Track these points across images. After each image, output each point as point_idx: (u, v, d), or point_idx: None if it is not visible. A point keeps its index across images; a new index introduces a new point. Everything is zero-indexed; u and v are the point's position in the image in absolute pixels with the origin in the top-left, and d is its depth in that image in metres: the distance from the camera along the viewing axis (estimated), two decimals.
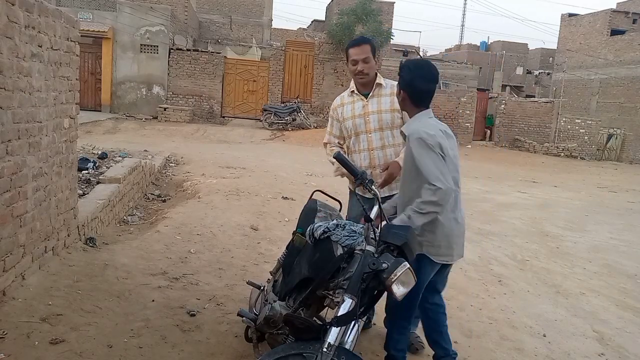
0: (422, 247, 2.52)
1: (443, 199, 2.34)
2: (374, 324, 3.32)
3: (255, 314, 2.62)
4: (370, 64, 3.06)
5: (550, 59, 34.24)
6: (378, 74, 3.18)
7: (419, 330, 3.13)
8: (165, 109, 17.98)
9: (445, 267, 2.72)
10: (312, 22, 33.27)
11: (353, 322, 2.10)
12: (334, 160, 2.85)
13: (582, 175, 15.54)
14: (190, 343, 2.84)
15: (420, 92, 2.57)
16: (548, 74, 32.39)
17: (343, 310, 2.01)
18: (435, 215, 2.41)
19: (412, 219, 2.36)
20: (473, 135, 20.86)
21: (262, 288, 2.82)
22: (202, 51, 19.58)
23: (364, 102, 3.13)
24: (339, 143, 3.27)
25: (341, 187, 3.31)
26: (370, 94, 3.13)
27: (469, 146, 19.61)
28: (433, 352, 2.84)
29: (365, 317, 2.54)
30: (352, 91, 3.19)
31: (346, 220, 2.50)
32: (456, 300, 4.05)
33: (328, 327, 2.00)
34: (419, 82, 2.55)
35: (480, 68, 25.36)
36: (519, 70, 35.80)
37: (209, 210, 5.87)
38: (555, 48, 30.30)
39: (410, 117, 2.64)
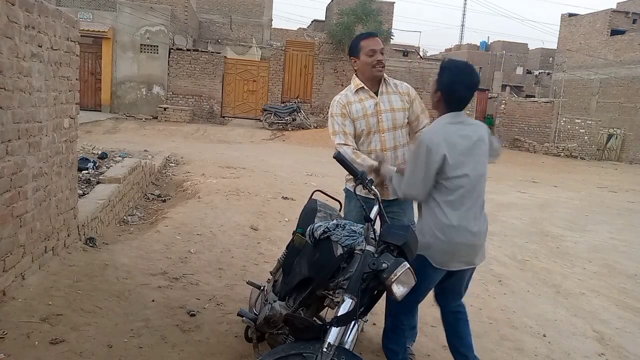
0: (426, 249, 2.45)
1: (408, 198, 2.58)
2: (374, 324, 3.32)
3: (255, 314, 2.62)
4: (385, 56, 2.96)
5: (550, 59, 34.25)
6: None
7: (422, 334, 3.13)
8: (165, 109, 17.99)
9: (461, 272, 2.61)
10: (312, 22, 33.28)
11: (353, 322, 2.10)
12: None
13: (582, 175, 15.54)
14: (190, 343, 2.84)
15: (458, 98, 2.49)
16: (548, 74, 32.39)
17: (343, 310, 2.01)
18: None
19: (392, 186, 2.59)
20: None
21: (262, 288, 2.82)
22: (202, 51, 19.59)
23: (375, 100, 2.93)
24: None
25: (341, 187, 3.31)
26: (380, 91, 2.95)
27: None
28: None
29: (365, 317, 2.53)
30: (360, 88, 2.95)
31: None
32: None
33: (328, 327, 2.00)
34: (458, 87, 2.47)
35: (480, 68, 25.38)
36: (519, 70, 35.81)
37: (209, 210, 5.87)
38: (555, 48, 30.29)
39: (437, 117, 2.58)
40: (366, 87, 2.95)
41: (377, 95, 2.94)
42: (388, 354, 2.72)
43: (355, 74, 3.02)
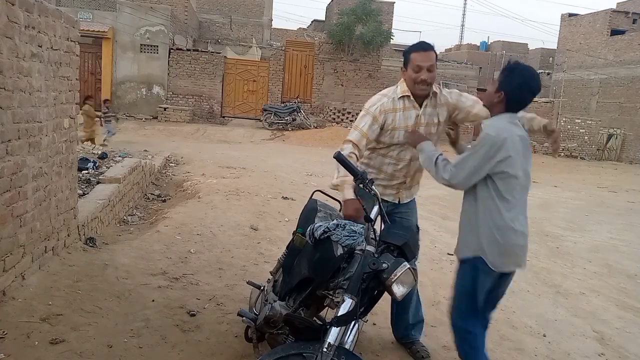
0: (483, 251, 2.41)
1: (446, 184, 2.47)
2: (374, 324, 3.32)
3: (255, 314, 2.62)
4: (433, 74, 2.72)
5: (550, 59, 34.22)
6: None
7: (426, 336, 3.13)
8: (165, 109, 18.00)
9: (508, 277, 2.54)
10: (312, 22, 33.26)
11: (353, 322, 2.10)
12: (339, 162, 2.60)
13: (582, 175, 15.54)
14: (190, 343, 2.84)
15: (522, 101, 2.47)
16: (548, 74, 32.35)
17: (343, 310, 2.01)
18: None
19: (429, 158, 2.56)
20: (473, 135, 20.84)
21: (262, 288, 2.82)
22: (202, 51, 19.59)
23: (417, 112, 2.81)
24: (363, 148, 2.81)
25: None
26: (425, 104, 2.82)
27: (469, 146, 19.55)
28: None
29: (365, 317, 2.53)
30: (406, 96, 2.80)
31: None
32: None
33: (328, 327, 2.00)
34: (526, 92, 2.45)
35: (481, 68, 25.35)
36: None
37: (209, 210, 5.87)
38: (555, 48, 30.26)
39: (491, 114, 2.56)
40: (412, 97, 2.80)
41: (420, 107, 2.82)
42: None
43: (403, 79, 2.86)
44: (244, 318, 2.60)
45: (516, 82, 2.42)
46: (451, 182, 2.45)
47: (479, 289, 2.44)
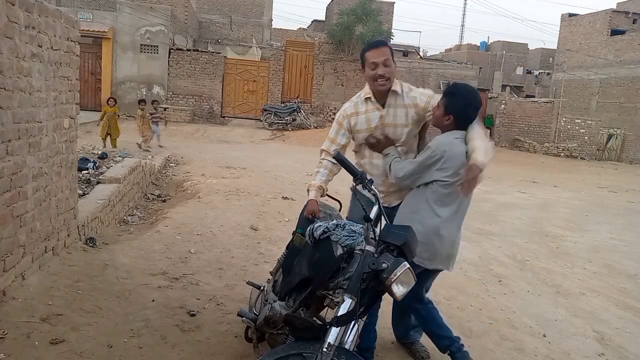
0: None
1: (394, 180, 2.78)
2: None
3: (255, 314, 2.62)
4: (390, 68, 2.76)
5: (550, 59, 34.23)
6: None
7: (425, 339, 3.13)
8: (165, 109, 17.97)
9: (427, 275, 2.82)
10: (312, 22, 33.27)
11: (353, 322, 2.10)
12: (318, 173, 2.85)
13: (582, 175, 15.54)
14: (190, 343, 2.84)
15: (468, 119, 2.70)
16: (548, 74, 32.36)
17: (343, 310, 2.01)
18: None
19: (386, 162, 2.81)
20: None
21: (262, 288, 2.82)
22: (202, 51, 19.59)
23: (381, 112, 2.84)
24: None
25: (341, 187, 3.30)
26: (387, 103, 2.84)
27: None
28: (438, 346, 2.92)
29: (365, 316, 2.53)
30: (368, 98, 2.86)
31: (346, 220, 2.49)
32: (456, 300, 4.05)
33: (328, 327, 2.00)
34: (471, 110, 2.69)
35: (480, 68, 25.36)
36: (519, 70, 35.79)
37: (209, 210, 5.87)
38: (555, 48, 30.28)
39: (442, 132, 2.76)
40: (373, 99, 2.85)
41: (383, 107, 2.84)
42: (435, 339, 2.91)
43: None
44: (244, 318, 2.60)
45: (461, 104, 2.66)
46: (396, 179, 2.76)
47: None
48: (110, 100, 11.46)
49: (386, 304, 2.86)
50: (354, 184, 2.50)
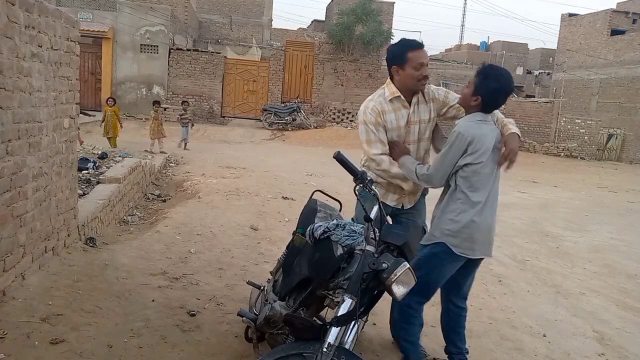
0: (443, 234, 2.60)
1: (422, 182, 2.70)
2: (374, 324, 3.32)
3: (255, 314, 2.62)
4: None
5: (551, 59, 34.22)
6: None
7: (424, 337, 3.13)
8: (165, 109, 17.95)
9: (470, 266, 2.76)
10: (312, 22, 33.25)
11: (353, 322, 2.10)
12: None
13: (582, 175, 15.54)
14: (190, 343, 2.84)
15: (497, 104, 2.64)
16: (548, 74, 32.35)
17: (343, 310, 2.01)
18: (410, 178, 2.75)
19: (404, 166, 2.75)
20: None
21: (262, 288, 2.82)
22: (202, 51, 19.59)
23: (408, 111, 2.85)
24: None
25: (341, 187, 3.31)
26: (414, 101, 2.86)
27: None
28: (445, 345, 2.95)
29: (365, 316, 2.53)
30: (397, 97, 2.83)
31: (352, 219, 2.49)
32: None
33: (328, 327, 2.00)
34: (500, 95, 2.61)
35: (480, 65, 25.34)
36: (519, 70, 35.77)
37: (209, 210, 5.87)
38: (555, 48, 30.26)
39: (465, 113, 2.70)
40: (402, 97, 2.84)
41: (410, 105, 2.86)
42: (404, 347, 2.85)
43: (392, 80, 2.87)
44: (244, 318, 2.60)
45: (492, 87, 2.57)
46: (430, 183, 2.69)
47: (437, 272, 2.68)
48: (110, 100, 11.52)
49: (385, 304, 2.87)
50: (355, 184, 2.50)
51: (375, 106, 2.84)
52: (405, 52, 2.77)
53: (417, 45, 2.79)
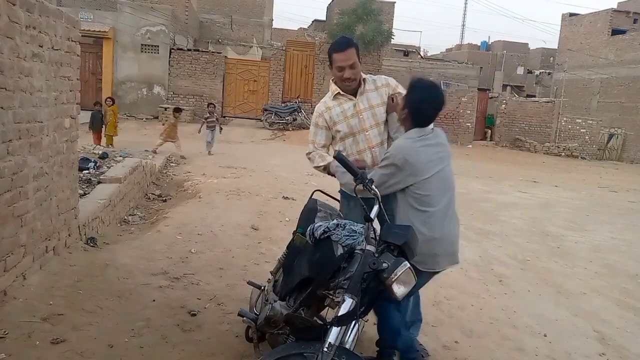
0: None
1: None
2: (375, 324, 3.32)
3: (255, 313, 2.62)
4: (356, 69, 2.87)
5: (551, 58, 34.18)
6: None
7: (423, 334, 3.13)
8: (166, 109, 17.94)
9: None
10: (312, 22, 33.25)
11: (354, 322, 2.10)
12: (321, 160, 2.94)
13: (582, 175, 15.52)
14: (191, 343, 2.85)
15: (425, 117, 2.60)
16: (549, 73, 32.31)
17: (343, 310, 2.01)
18: None
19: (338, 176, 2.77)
20: (474, 135, 20.86)
21: (262, 288, 2.82)
22: (202, 51, 19.59)
23: (354, 101, 2.95)
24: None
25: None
26: (359, 92, 2.95)
27: (470, 146, 19.61)
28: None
29: (366, 316, 2.53)
30: (338, 93, 2.97)
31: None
32: (457, 300, 4.05)
33: (329, 327, 2.00)
34: (425, 107, 2.58)
35: (481, 68, 25.34)
36: (520, 70, 35.77)
37: (209, 210, 5.87)
38: (556, 48, 30.23)
39: (405, 131, 2.67)
40: (342, 92, 2.95)
41: (355, 97, 2.94)
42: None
43: (332, 79, 3.02)
44: (244, 318, 2.60)
45: (417, 98, 2.56)
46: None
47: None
48: (108, 99, 11.57)
49: None
50: (355, 184, 2.49)
51: (319, 107, 3.04)
52: (331, 54, 2.88)
53: (339, 47, 2.85)
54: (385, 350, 2.74)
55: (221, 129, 12.48)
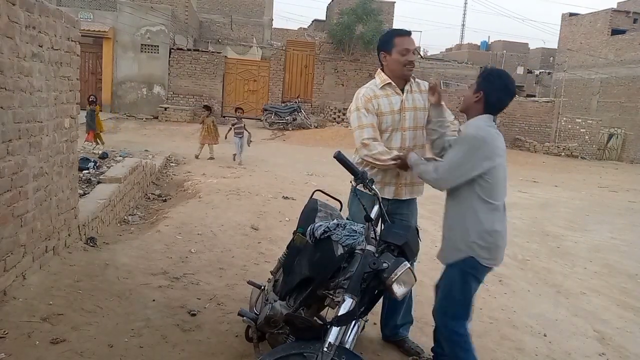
0: (472, 248, 2.49)
1: (433, 184, 2.56)
2: (375, 324, 3.32)
3: (255, 313, 2.62)
4: (416, 56, 2.92)
5: (551, 58, 34.18)
6: None
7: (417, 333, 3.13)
8: (165, 108, 17.98)
9: None
10: (312, 22, 33.24)
11: (354, 322, 2.10)
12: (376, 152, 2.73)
13: (582, 174, 15.52)
14: (190, 343, 2.84)
15: (501, 104, 2.57)
16: (549, 73, 32.32)
17: (343, 310, 2.01)
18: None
19: (419, 169, 2.61)
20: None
21: (262, 288, 2.82)
22: (202, 51, 19.59)
23: (401, 97, 2.87)
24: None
25: (341, 187, 3.30)
26: (406, 89, 2.89)
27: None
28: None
29: (366, 316, 2.53)
30: (388, 84, 2.87)
31: (347, 215, 2.49)
32: None
33: (329, 326, 2.00)
34: (503, 95, 2.54)
35: (481, 68, 25.33)
36: (520, 70, 35.74)
37: (209, 210, 5.87)
38: (556, 47, 30.24)
39: (468, 118, 2.61)
40: (393, 84, 2.88)
41: (402, 93, 2.88)
42: None
43: (382, 69, 2.93)
44: (244, 318, 2.60)
45: (497, 86, 2.52)
46: (438, 180, 2.52)
47: (472, 289, 2.57)
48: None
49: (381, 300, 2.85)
50: (354, 184, 2.50)
51: (366, 92, 2.88)
52: (392, 38, 2.84)
53: (404, 32, 2.87)
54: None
55: (250, 139, 10.99)
